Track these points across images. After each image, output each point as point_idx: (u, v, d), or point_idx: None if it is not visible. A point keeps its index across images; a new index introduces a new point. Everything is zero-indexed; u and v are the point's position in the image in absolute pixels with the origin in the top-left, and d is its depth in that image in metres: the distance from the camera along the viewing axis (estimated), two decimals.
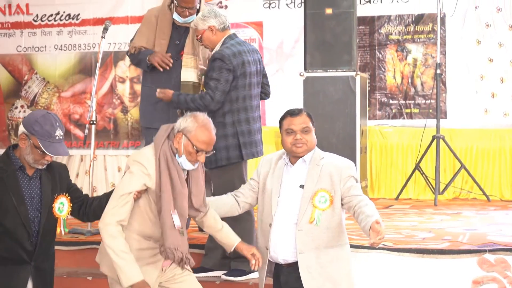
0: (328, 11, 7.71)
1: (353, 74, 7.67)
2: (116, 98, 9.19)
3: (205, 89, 5.05)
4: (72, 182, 4.29)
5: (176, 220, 3.90)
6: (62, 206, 4.10)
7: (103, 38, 6.07)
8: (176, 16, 5.41)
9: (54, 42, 9.38)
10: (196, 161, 3.97)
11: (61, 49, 9.37)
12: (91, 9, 9.25)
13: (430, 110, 8.26)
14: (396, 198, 8.07)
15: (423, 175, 7.95)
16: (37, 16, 9.44)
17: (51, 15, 9.39)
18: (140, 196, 3.94)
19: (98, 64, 6.05)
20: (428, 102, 8.44)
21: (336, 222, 4.11)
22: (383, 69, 8.68)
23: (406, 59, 8.65)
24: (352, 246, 5.00)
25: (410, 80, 8.63)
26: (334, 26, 7.70)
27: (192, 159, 3.95)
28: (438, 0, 7.83)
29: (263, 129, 5.39)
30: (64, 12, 9.35)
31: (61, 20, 9.38)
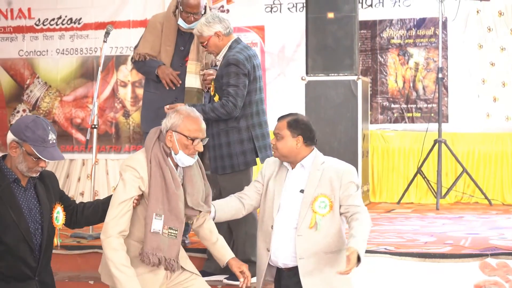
0: (330, 15, 7.72)
1: (354, 78, 7.68)
2: (118, 102, 9.19)
3: (217, 94, 5.01)
4: (62, 189, 4.13)
5: (156, 224, 3.86)
6: (58, 216, 3.94)
7: (105, 42, 6.07)
8: (181, 22, 5.40)
9: (56, 46, 9.38)
10: (195, 152, 3.94)
11: (63, 53, 9.37)
12: (93, 13, 9.26)
13: (432, 114, 8.26)
14: (398, 202, 8.06)
15: (425, 179, 7.94)
16: (39, 20, 9.44)
17: (53, 19, 9.39)
18: (138, 203, 3.93)
19: (100, 68, 6.06)
20: (430, 106, 8.43)
21: (335, 227, 4.11)
22: (384, 73, 8.68)
23: (408, 63, 8.64)
24: None
25: (412, 84, 8.63)
26: (335, 30, 7.71)
27: (190, 152, 3.93)
28: (440, 4, 7.82)
29: None
30: (66, 16, 9.36)
31: (63, 24, 9.38)
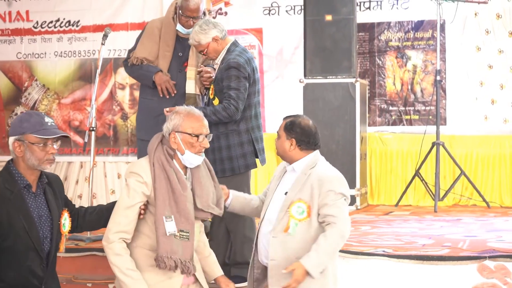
0: (328, 17, 7.73)
1: (352, 80, 7.69)
2: (116, 104, 9.19)
3: (216, 97, 5.01)
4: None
5: (169, 226, 3.82)
6: (65, 222, 3.87)
7: (103, 44, 6.06)
8: (180, 28, 5.39)
9: (54, 49, 9.39)
10: (201, 149, 3.90)
11: (61, 55, 9.38)
12: (91, 15, 9.26)
13: (430, 117, 8.26)
14: (396, 205, 8.06)
15: (423, 181, 7.94)
16: (37, 23, 9.45)
17: (51, 22, 9.39)
18: (145, 212, 3.89)
19: (98, 71, 6.04)
20: (428, 108, 8.44)
21: (311, 235, 3.96)
22: (383, 75, 8.68)
23: (406, 65, 8.65)
24: (352, 253, 5.02)
25: (410, 87, 8.63)
26: (334, 33, 7.72)
27: (197, 150, 3.89)
28: (438, 7, 7.82)
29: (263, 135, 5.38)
30: (64, 19, 9.36)
31: (61, 26, 9.38)
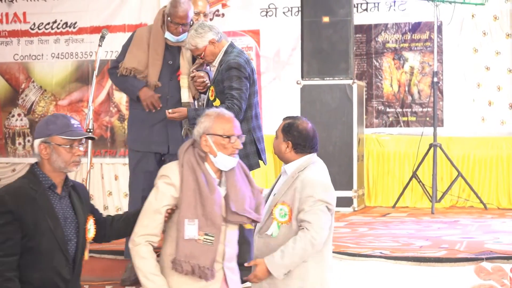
0: (325, 19, 7.74)
1: (350, 82, 7.69)
2: (113, 106, 9.19)
3: (218, 99, 5.00)
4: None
5: (189, 230, 3.72)
6: (90, 229, 3.78)
7: (100, 46, 6.04)
8: (169, 35, 5.30)
9: (51, 50, 9.39)
10: (234, 151, 3.82)
11: (58, 57, 9.38)
12: (88, 17, 9.27)
13: (427, 118, 8.27)
14: (393, 206, 8.06)
15: (420, 183, 7.94)
16: (34, 24, 9.44)
17: (48, 24, 9.39)
18: (170, 217, 3.79)
19: (95, 72, 6.03)
20: (425, 110, 8.44)
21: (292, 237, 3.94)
22: (380, 77, 8.69)
23: (403, 67, 8.65)
24: (349, 254, 5.02)
25: (407, 88, 8.63)
26: (331, 35, 7.73)
27: (230, 152, 3.81)
28: (435, 8, 7.83)
29: None
30: (61, 20, 9.36)
31: (58, 28, 9.38)
